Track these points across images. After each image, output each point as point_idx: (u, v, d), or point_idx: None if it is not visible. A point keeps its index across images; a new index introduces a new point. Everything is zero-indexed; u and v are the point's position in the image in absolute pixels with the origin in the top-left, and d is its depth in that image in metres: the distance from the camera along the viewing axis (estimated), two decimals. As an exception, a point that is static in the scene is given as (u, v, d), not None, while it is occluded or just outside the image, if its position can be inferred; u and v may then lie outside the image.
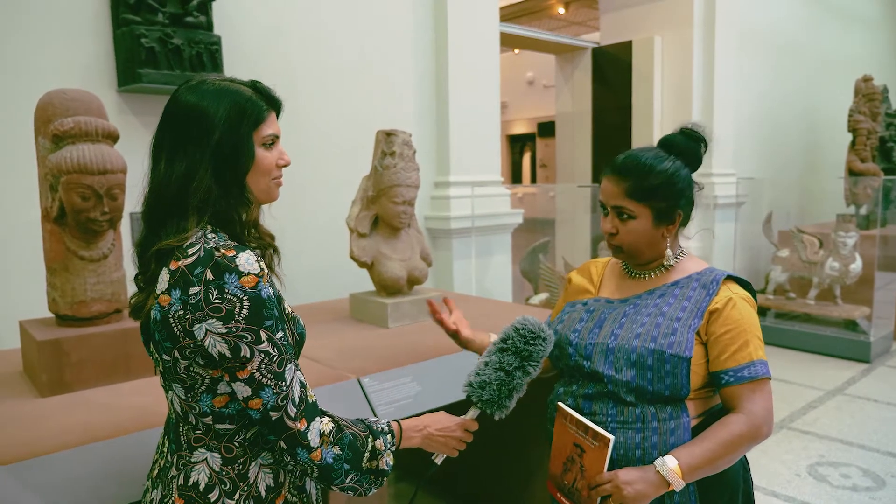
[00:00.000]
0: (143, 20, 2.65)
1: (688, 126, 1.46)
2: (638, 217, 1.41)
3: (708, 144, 1.46)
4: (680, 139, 1.44)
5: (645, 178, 1.39)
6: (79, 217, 1.75)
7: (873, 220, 5.90)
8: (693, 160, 1.45)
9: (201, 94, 1.10)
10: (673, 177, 1.40)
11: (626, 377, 1.37)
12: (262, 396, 1.04)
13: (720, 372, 1.36)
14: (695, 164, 1.46)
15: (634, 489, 1.26)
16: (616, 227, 1.43)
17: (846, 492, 3.11)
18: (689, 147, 1.44)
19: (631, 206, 1.41)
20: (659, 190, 1.39)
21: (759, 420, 1.32)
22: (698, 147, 1.45)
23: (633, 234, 1.42)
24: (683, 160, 1.44)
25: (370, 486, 1.14)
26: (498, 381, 1.27)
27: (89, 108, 1.79)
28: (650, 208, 1.40)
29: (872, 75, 6.52)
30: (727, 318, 1.36)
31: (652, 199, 1.40)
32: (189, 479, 1.10)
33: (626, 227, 1.42)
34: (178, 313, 1.03)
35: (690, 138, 1.45)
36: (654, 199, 1.40)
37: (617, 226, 1.43)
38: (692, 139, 1.45)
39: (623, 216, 1.42)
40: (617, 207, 1.43)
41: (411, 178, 2.47)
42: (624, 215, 1.42)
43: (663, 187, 1.40)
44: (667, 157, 1.43)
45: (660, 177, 1.39)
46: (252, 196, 1.14)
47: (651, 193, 1.40)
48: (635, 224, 1.41)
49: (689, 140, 1.44)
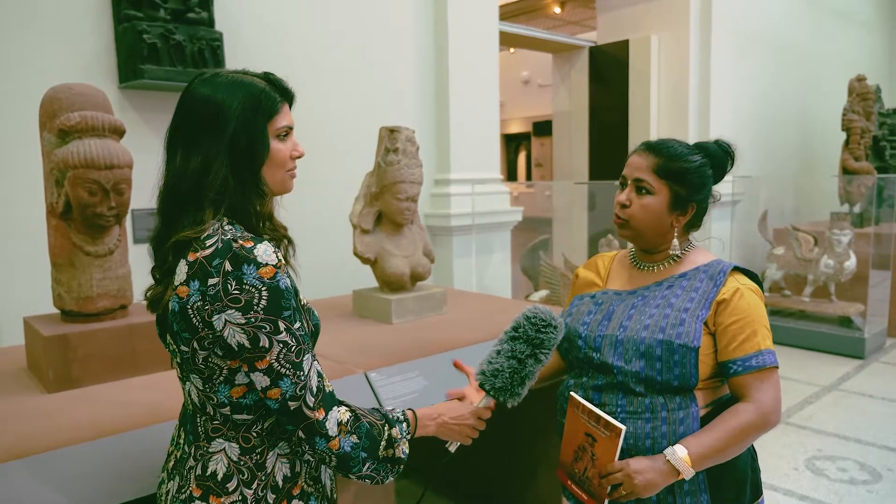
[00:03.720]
0: (144, 16, 2.66)
1: (723, 140, 1.53)
2: (656, 194, 1.44)
3: (735, 161, 1.53)
4: (713, 147, 1.51)
5: (675, 161, 1.44)
6: (85, 212, 1.75)
7: (867, 218, 5.95)
8: (720, 169, 1.51)
9: (215, 87, 1.11)
10: (699, 168, 1.46)
11: (635, 368, 1.38)
12: (281, 386, 1.05)
13: (728, 361, 1.38)
14: (720, 173, 1.51)
15: (645, 478, 1.28)
16: (631, 199, 1.47)
17: (844, 485, 3.14)
18: (719, 156, 1.50)
19: (653, 182, 1.44)
20: (684, 175, 1.44)
21: (768, 408, 1.34)
22: (726, 159, 1.51)
23: (645, 210, 1.45)
24: (712, 164, 1.49)
25: (387, 474, 1.15)
26: (510, 369, 1.28)
27: (95, 102, 1.79)
28: (670, 189, 1.44)
29: (866, 75, 6.58)
30: (735, 309, 1.38)
31: (675, 181, 1.44)
32: (207, 469, 1.10)
33: (641, 202, 1.45)
34: (197, 304, 1.03)
35: (722, 149, 1.51)
36: (677, 182, 1.44)
37: (632, 198, 1.47)
38: (724, 151, 1.51)
39: (642, 190, 1.46)
40: (638, 180, 1.46)
41: (414, 174, 2.48)
42: (643, 189, 1.45)
43: (688, 174, 1.44)
44: (699, 153, 1.48)
45: (688, 164, 1.45)
46: (267, 188, 1.15)
47: (675, 176, 1.44)
48: (651, 200, 1.45)
49: (721, 150, 1.51)
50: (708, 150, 1.49)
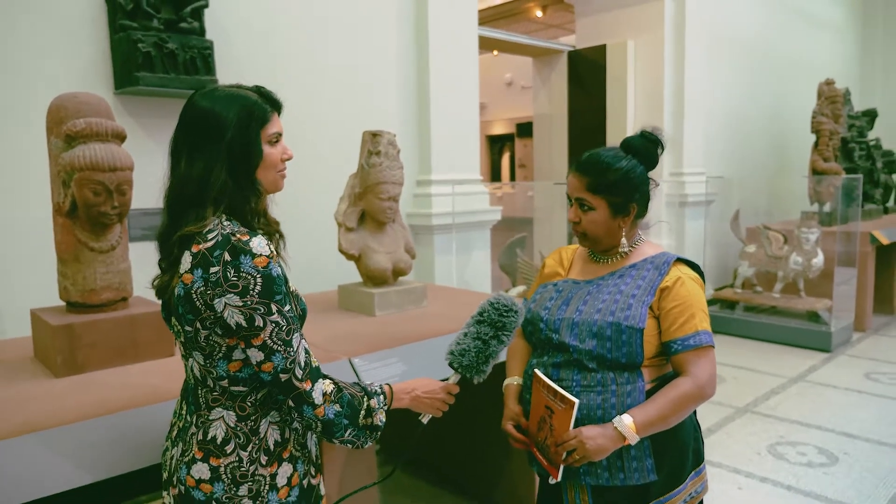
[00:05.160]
0: (139, 26, 2.79)
1: (647, 129, 1.64)
2: (597, 209, 1.61)
3: (664, 147, 1.65)
4: (638, 141, 1.63)
5: (602, 175, 1.59)
6: (90, 211, 1.89)
7: (835, 218, 6.18)
8: (649, 160, 1.63)
9: (214, 100, 1.27)
10: (627, 174, 1.59)
11: (588, 346, 1.56)
12: (273, 361, 1.21)
13: (670, 341, 1.55)
14: (651, 164, 1.64)
15: (595, 443, 1.45)
16: (579, 216, 1.64)
17: (802, 468, 3.34)
18: (646, 148, 1.62)
19: (590, 199, 1.61)
20: (614, 186, 1.59)
21: (703, 381, 1.52)
22: (655, 148, 1.63)
23: (593, 224, 1.62)
24: (640, 159, 1.62)
25: (366, 440, 1.31)
26: (476, 349, 1.45)
27: (98, 110, 1.94)
28: (607, 201, 1.60)
29: (835, 79, 6.81)
30: (676, 295, 1.56)
31: (608, 194, 1.59)
32: (208, 434, 1.26)
33: (587, 217, 1.62)
34: (200, 289, 1.19)
35: (648, 140, 1.62)
36: (610, 193, 1.59)
37: (580, 216, 1.64)
38: (650, 141, 1.63)
39: (584, 207, 1.62)
40: (579, 199, 1.63)
41: (396, 175, 2.64)
42: (585, 206, 1.62)
43: (618, 183, 1.59)
44: (624, 156, 1.61)
45: (615, 174, 1.58)
46: (261, 187, 1.31)
47: (607, 189, 1.59)
48: (594, 215, 1.61)
49: (647, 142, 1.62)
50: (633, 146, 1.61)
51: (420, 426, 1.49)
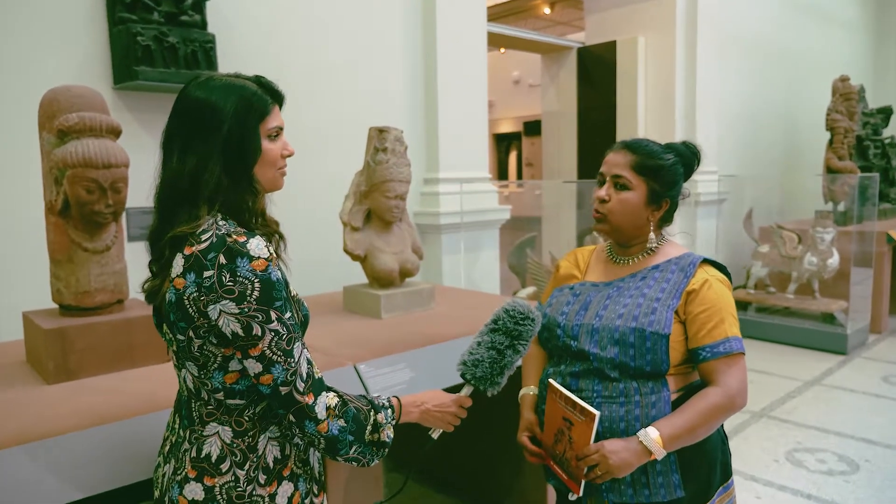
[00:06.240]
0: (138, 19, 2.70)
1: (690, 142, 1.63)
2: (634, 189, 1.53)
3: (701, 162, 1.62)
4: (682, 148, 1.60)
5: (650, 158, 1.54)
6: (83, 210, 1.81)
7: (850, 217, 6.06)
8: (688, 167, 1.60)
9: (210, 90, 1.17)
10: (673, 166, 1.55)
11: (609, 354, 1.46)
12: (273, 372, 1.12)
13: (698, 348, 1.45)
14: (688, 171, 1.60)
15: (619, 458, 1.36)
16: (610, 194, 1.56)
17: (822, 476, 3.23)
18: (687, 156, 1.59)
19: (631, 178, 1.53)
20: (659, 172, 1.53)
21: (734, 391, 1.42)
22: (694, 159, 1.60)
23: (623, 205, 1.54)
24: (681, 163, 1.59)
25: (372, 457, 1.22)
26: (490, 359, 1.35)
27: (93, 104, 1.85)
28: (647, 185, 1.53)
29: (849, 75, 6.68)
30: (703, 298, 1.46)
31: (651, 177, 1.53)
32: (201, 452, 1.17)
33: (620, 197, 1.54)
34: (193, 295, 1.10)
35: (690, 150, 1.61)
36: (653, 178, 1.53)
37: (611, 194, 1.55)
38: (691, 151, 1.61)
39: (620, 186, 1.54)
40: (616, 176, 1.55)
41: (403, 173, 2.55)
42: (621, 185, 1.54)
43: (663, 171, 1.54)
44: (671, 152, 1.57)
45: (663, 161, 1.54)
46: (259, 185, 1.21)
47: (652, 172, 1.53)
48: (629, 195, 1.53)
49: (689, 151, 1.60)
50: (678, 151, 1.58)
51: (429, 441, 1.39)
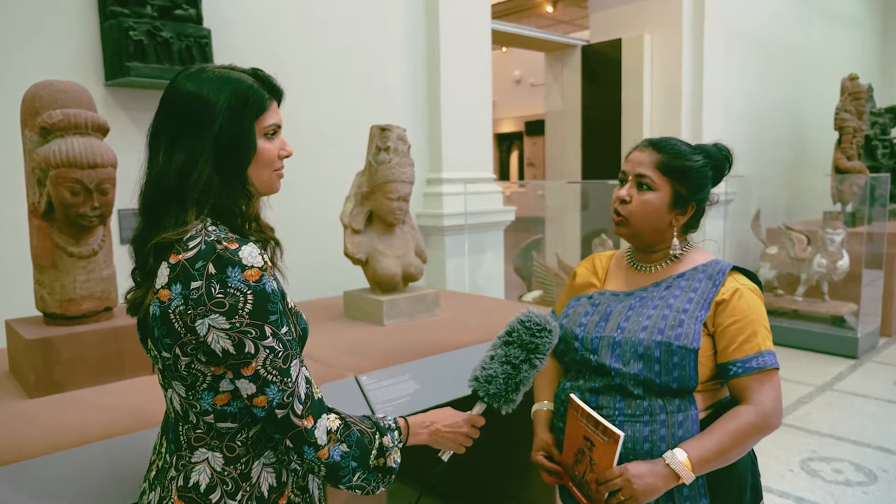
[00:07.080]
0: (131, 13, 2.60)
1: (721, 143, 1.51)
2: (658, 191, 1.42)
3: (732, 166, 1.51)
4: (713, 150, 1.49)
5: (677, 158, 1.42)
6: (68, 212, 1.70)
7: (860, 218, 5.95)
8: (718, 172, 1.49)
9: (201, 82, 1.06)
10: (701, 169, 1.44)
11: (633, 370, 1.35)
12: (268, 394, 1.01)
13: (728, 363, 1.35)
14: (718, 176, 1.49)
15: (645, 482, 1.25)
16: (631, 195, 1.44)
17: (839, 486, 3.12)
18: (718, 159, 1.48)
19: (655, 179, 1.42)
20: (686, 173, 1.42)
21: (769, 410, 1.31)
22: (725, 163, 1.49)
23: (645, 206, 1.42)
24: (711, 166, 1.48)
25: (378, 484, 1.11)
26: (504, 374, 1.25)
27: (78, 100, 1.74)
28: (672, 187, 1.42)
29: (858, 74, 6.58)
30: (734, 309, 1.35)
31: (676, 179, 1.42)
32: (189, 480, 1.06)
33: (642, 198, 1.43)
34: (180, 309, 0.99)
35: (721, 153, 1.49)
36: (679, 179, 1.42)
37: (633, 194, 1.44)
38: (723, 154, 1.49)
39: (643, 186, 1.43)
40: (640, 176, 1.43)
41: (406, 173, 2.44)
42: (644, 185, 1.43)
43: (690, 172, 1.42)
44: (700, 153, 1.46)
45: (691, 162, 1.43)
46: (253, 188, 1.10)
47: (678, 173, 1.42)
48: (652, 196, 1.42)
49: (720, 154, 1.49)
50: (708, 152, 1.47)
51: (439, 464, 1.28)
